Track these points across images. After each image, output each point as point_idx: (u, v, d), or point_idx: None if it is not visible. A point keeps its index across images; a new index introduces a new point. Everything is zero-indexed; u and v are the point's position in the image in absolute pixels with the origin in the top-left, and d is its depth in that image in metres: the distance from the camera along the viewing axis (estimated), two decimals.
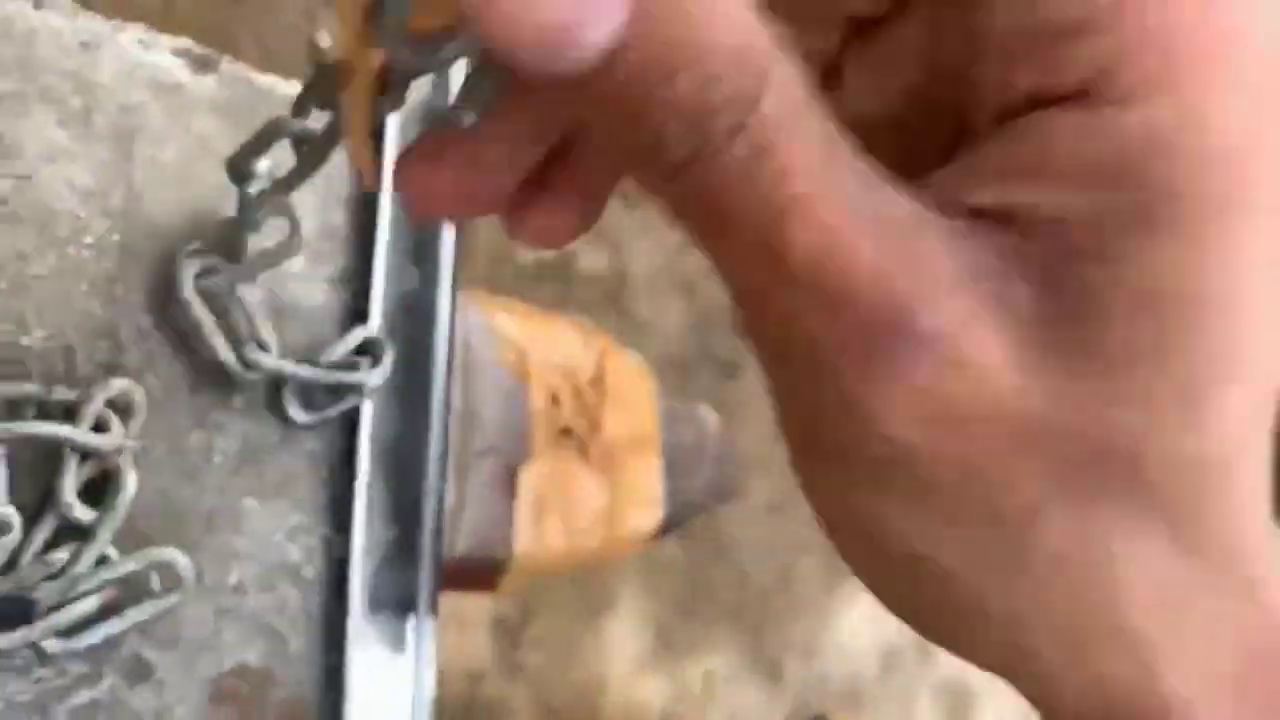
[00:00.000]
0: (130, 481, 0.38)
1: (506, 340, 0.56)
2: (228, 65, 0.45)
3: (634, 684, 1.00)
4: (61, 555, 0.37)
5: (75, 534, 0.37)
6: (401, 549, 0.47)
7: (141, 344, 0.41)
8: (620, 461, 0.59)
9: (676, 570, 1.06)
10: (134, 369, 0.40)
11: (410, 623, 0.46)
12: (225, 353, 0.40)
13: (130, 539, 0.39)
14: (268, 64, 0.47)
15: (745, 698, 1.12)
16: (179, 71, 0.43)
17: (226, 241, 0.41)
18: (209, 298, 0.41)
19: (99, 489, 0.38)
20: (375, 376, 0.45)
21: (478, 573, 0.54)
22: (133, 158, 0.41)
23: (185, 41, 0.44)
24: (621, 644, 1.00)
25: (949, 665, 1.40)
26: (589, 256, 1.07)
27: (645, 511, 0.61)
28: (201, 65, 0.44)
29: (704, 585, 1.09)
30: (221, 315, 0.41)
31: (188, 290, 0.40)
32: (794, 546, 1.20)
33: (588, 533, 0.58)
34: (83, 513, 0.37)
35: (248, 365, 0.41)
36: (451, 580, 0.50)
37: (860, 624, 1.28)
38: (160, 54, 0.43)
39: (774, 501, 1.18)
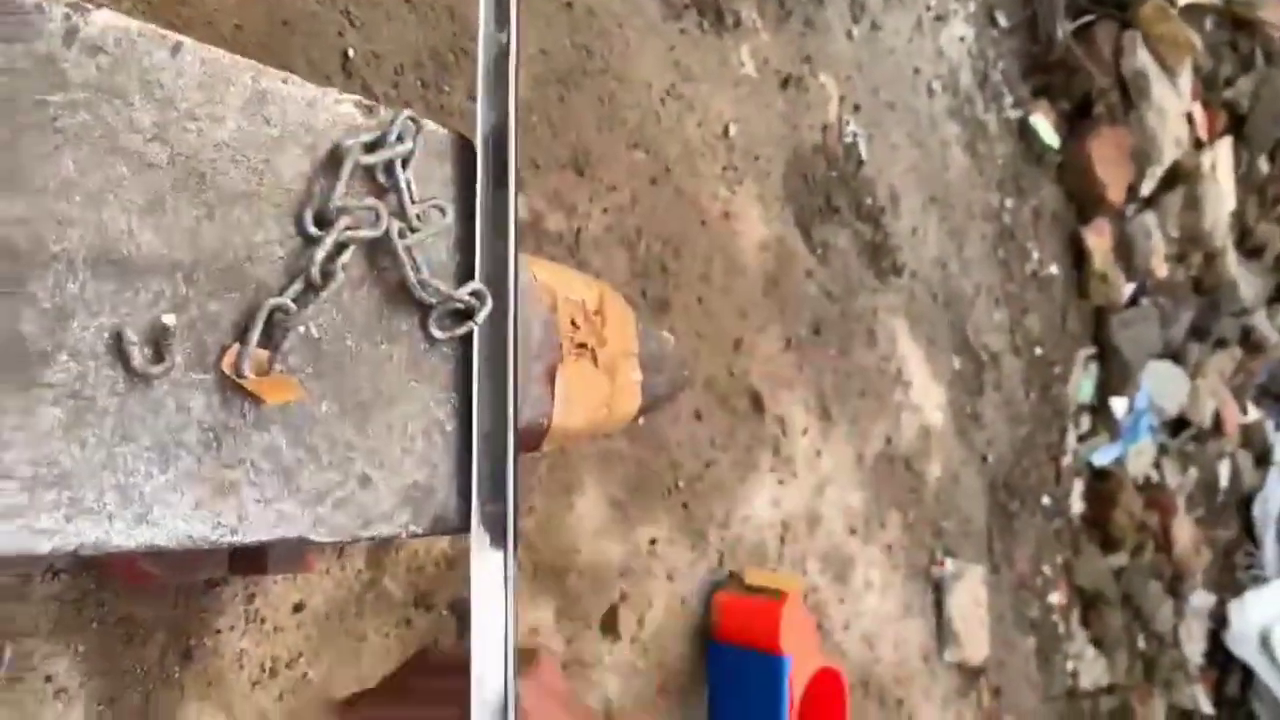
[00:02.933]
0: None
1: (543, 285, 0.84)
2: (384, 111, 0.71)
3: (598, 545, 1.30)
4: None
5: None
6: (495, 421, 0.75)
7: (355, 291, 0.67)
8: (616, 366, 0.88)
9: (627, 460, 1.35)
10: (348, 303, 0.67)
11: (507, 469, 0.74)
12: (416, 283, 0.67)
13: (348, 415, 0.66)
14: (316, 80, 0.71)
15: (680, 558, 1.44)
16: (358, 115, 0.69)
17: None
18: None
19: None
20: (483, 312, 0.72)
21: (530, 437, 0.82)
22: (341, 172, 0.66)
23: (358, 96, 0.70)
24: (588, 516, 1.29)
25: (830, 538, 1.75)
26: (552, 219, 1.33)
27: (631, 399, 0.90)
28: (367, 110, 0.70)
29: (647, 472, 1.39)
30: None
31: (397, 244, 0.66)
32: (714, 446, 1.51)
33: (596, 412, 0.87)
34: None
35: (425, 288, 0.68)
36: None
37: (764, 505, 1.61)
38: (347, 106, 0.68)
39: (698, 410, 1.49)
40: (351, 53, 1.11)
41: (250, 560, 0.88)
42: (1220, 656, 3.20)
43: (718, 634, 1.43)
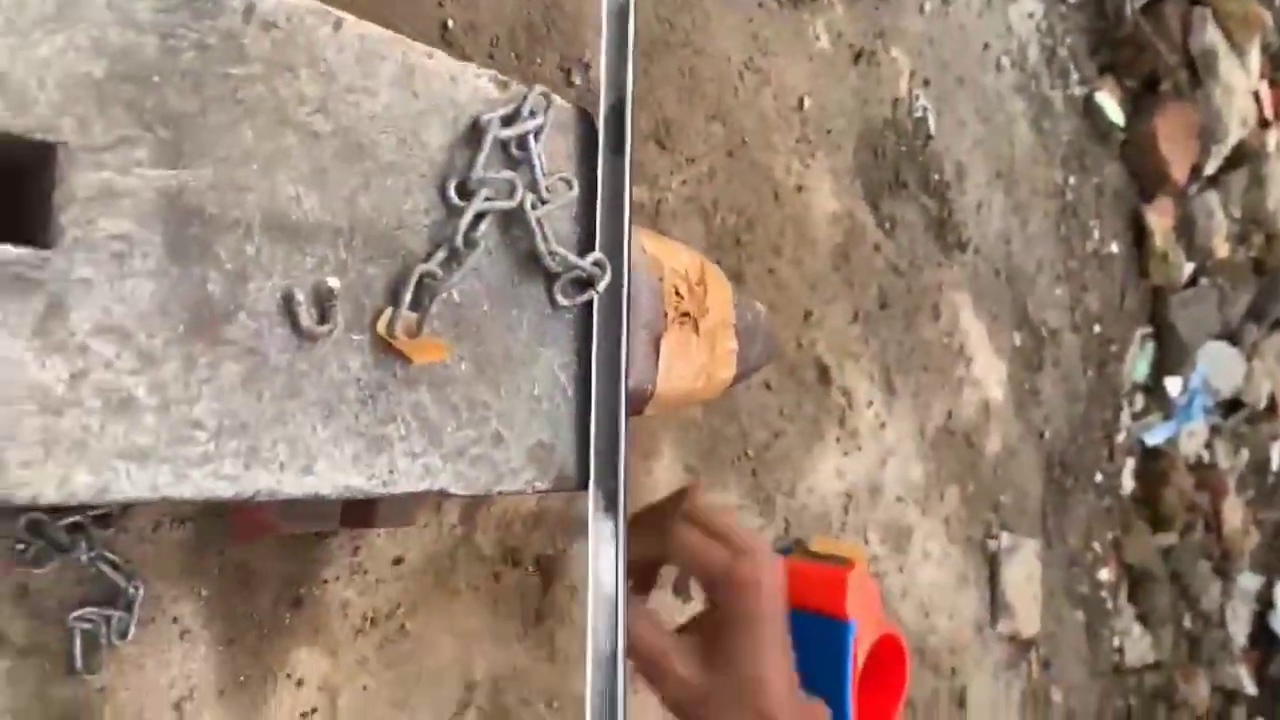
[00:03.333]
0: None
1: (651, 255, 0.86)
2: (516, 86, 0.73)
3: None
4: None
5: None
6: (609, 387, 0.78)
7: (491, 258, 0.70)
8: (715, 335, 0.91)
9: (700, 428, 1.39)
10: (486, 269, 0.70)
11: (619, 428, 0.77)
12: (546, 252, 0.70)
13: (484, 376, 0.69)
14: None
15: (748, 524, 1.47)
16: (493, 90, 0.72)
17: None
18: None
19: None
20: (603, 281, 0.75)
21: (635, 402, 0.85)
22: (482, 145, 0.69)
23: (493, 71, 0.72)
24: (664, 481, 1.33)
25: (890, 509, 1.77)
26: (635, 191, 1.35)
27: (727, 368, 0.93)
28: (502, 85, 0.73)
29: (719, 440, 1.43)
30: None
31: (530, 214, 0.70)
32: (783, 416, 1.54)
33: (695, 380, 0.90)
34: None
35: (554, 258, 0.71)
36: None
37: (828, 476, 1.64)
38: (484, 80, 0.71)
39: (768, 381, 1.52)
40: (450, 23, 1.14)
41: (359, 514, 0.92)
42: (1265, 638, 3.20)
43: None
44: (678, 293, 0.88)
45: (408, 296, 0.63)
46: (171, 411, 0.53)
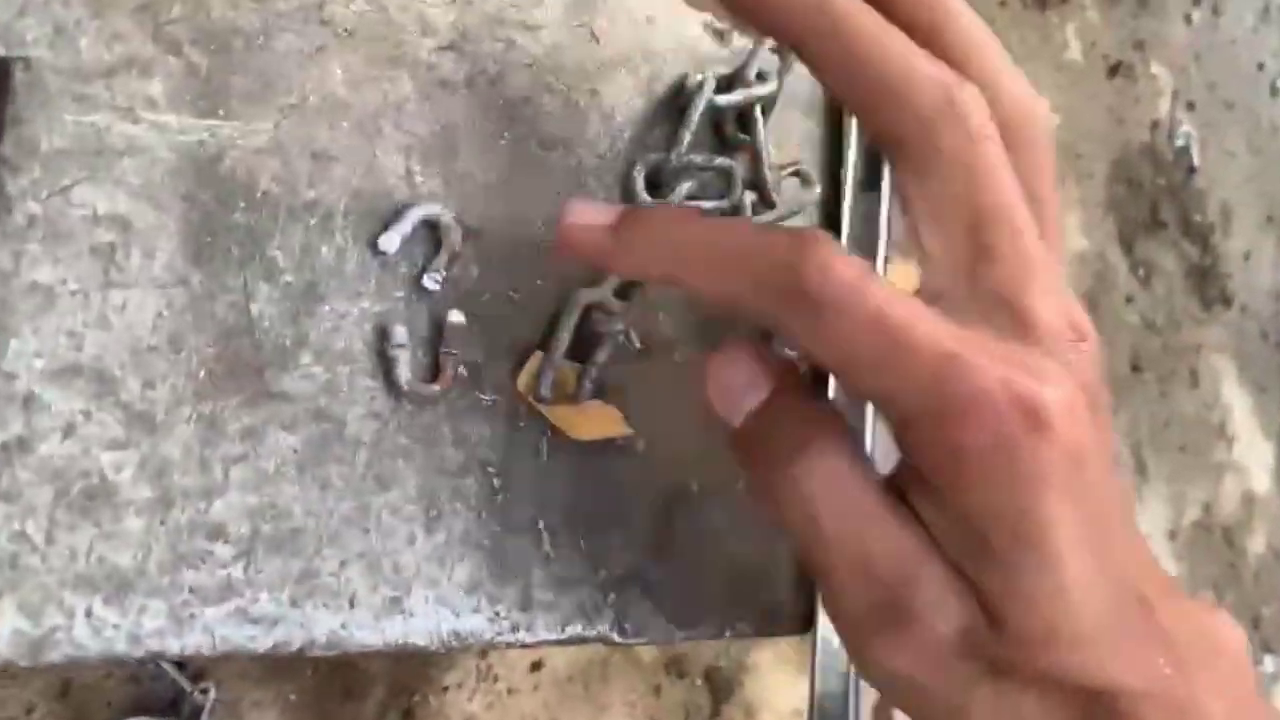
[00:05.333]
0: None
1: (902, 288, 0.62)
2: (736, 39, 0.51)
3: None
4: None
5: None
6: None
7: None
8: None
9: None
10: (678, 300, 0.47)
11: None
12: None
13: (670, 459, 0.46)
14: None
15: None
16: (707, 40, 0.49)
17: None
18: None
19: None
20: None
21: None
22: (687, 118, 0.47)
23: (707, 16, 0.50)
24: None
25: None
26: None
27: None
28: (718, 36, 0.50)
29: None
30: None
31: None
32: None
33: None
34: None
35: None
36: None
37: None
38: (694, 26, 0.49)
39: None
40: None
41: None
42: None
43: None
44: None
45: (565, 338, 0.41)
46: (175, 510, 0.32)
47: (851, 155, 0.55)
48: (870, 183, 0.57)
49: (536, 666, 0.85)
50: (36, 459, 0.30)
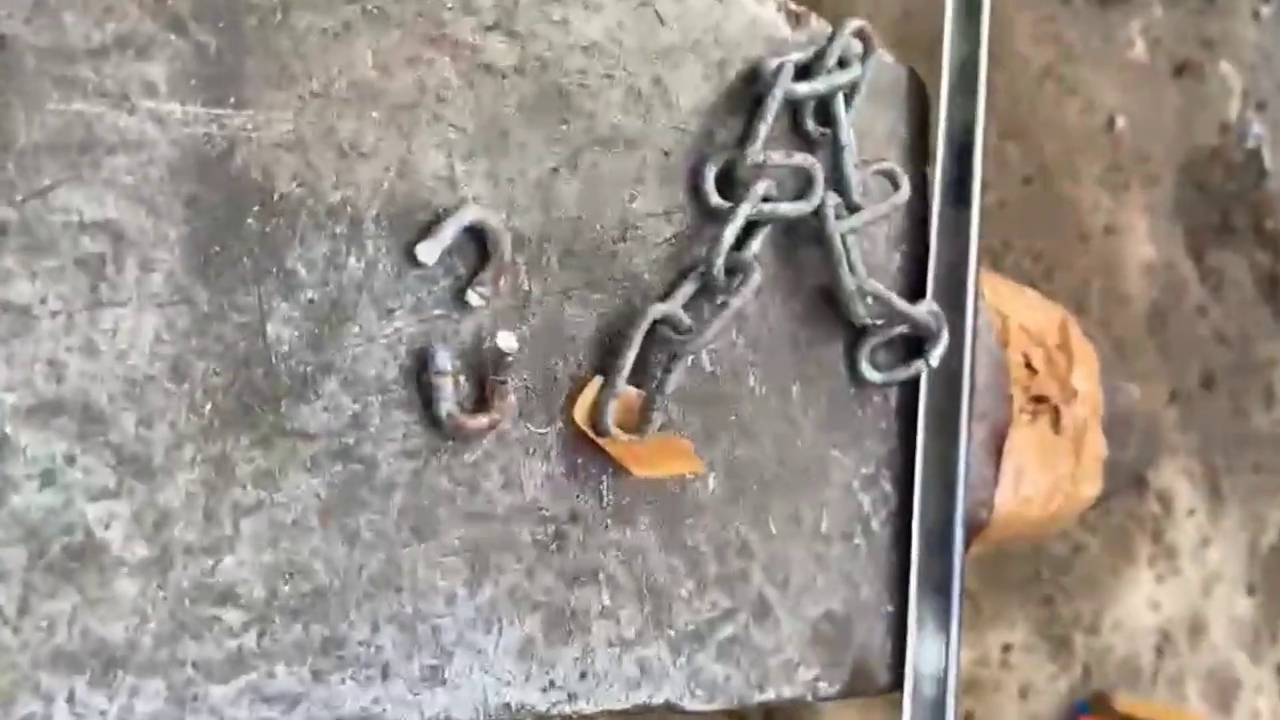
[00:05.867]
0: None
1: (992, 306, 0.56)
2: (816, 21, 0.45)
3: None
4: None
5: None
6: (938, 516, 0.48)
7: (761, 299, 0.42)
8: (1082, 431, 0.59)
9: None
10: (753, 317, 0.42)
11: (953, 590, 0.47)
12: (854, 291, 0.42)
13: (744, 497, 0.41)
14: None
15: (1037, 669, 1.11)
16: (782, 24, 0.44)
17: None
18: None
19: None
20: (938, 347, 0.46)
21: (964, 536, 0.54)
22: (763, 109, 0.41)
23: None
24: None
25: (1217, 654, 1.36)
26: None
27: (1093, 482, 0.61)
28: (794, 19, 0.45)
29: (1004, 556, 1.08)
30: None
31: (834, 228, 0.41)
32: (1084, 525, 1.17)
33: (1050, 500, 0.58)
34: None
35: (866, 302, 0.42)
36: None
37: (1139, 606, 1.25)
38: (769, 9, 0.44)
39: None
40: None
41: None
42: None
43: None
44: (1029, 364, 0.57)
45: (630, 358, 0.36)
46: (175, 571, 0.27)
47: (940, 154, 0.49)
48: (958, 193, 0.51)
49: None
50: (8, 513, 0.25)
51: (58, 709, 0.25)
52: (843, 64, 0.44)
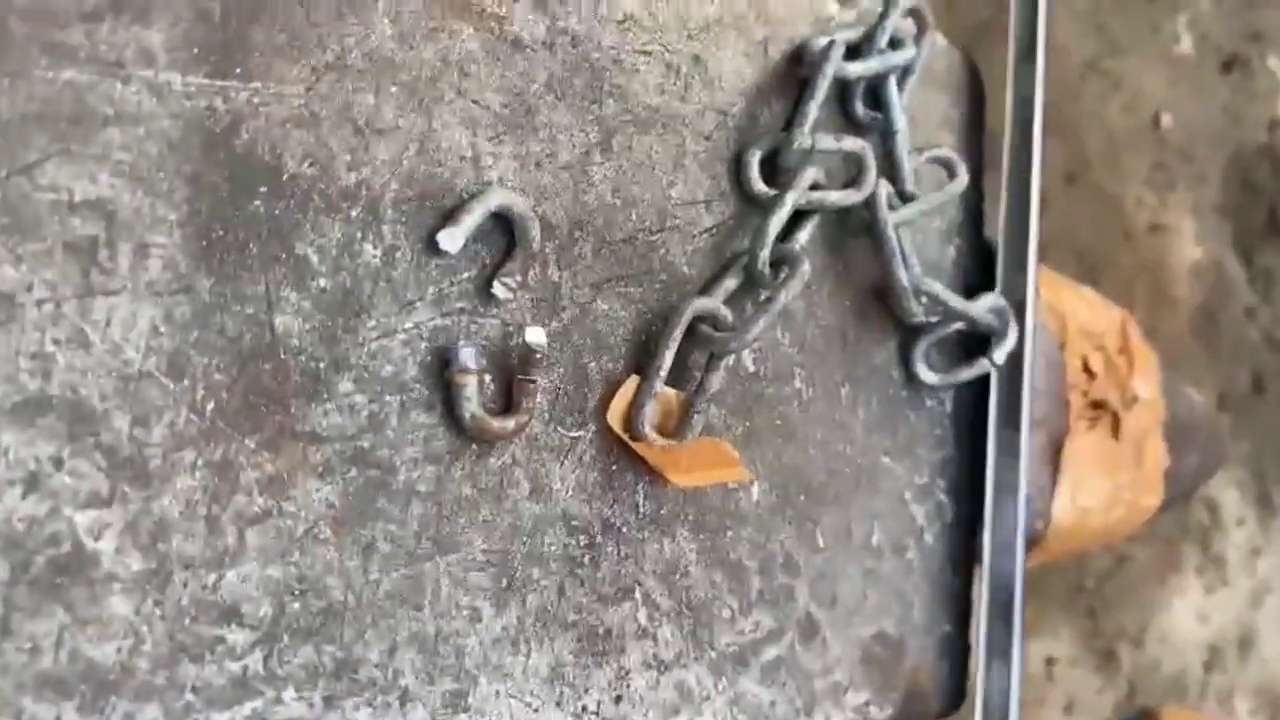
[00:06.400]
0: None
1: (1049, 305, 0.53)
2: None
3: None
4: None
5: None
6: (996, 530, 0.45)
7: (808, 295, 0.39)
8: (1144, 438, 0.55)
9: None
10: (799, 314, 0.39)
11: (1015, 606, 0.44)
12: (908, 286, 0.38)
13: (789, 508, 0.38)
14: None
15: (1082, 683, 1.07)
16: (828, 3, 0.41)
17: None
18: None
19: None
20: (1004, 346, 0.42)
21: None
22: (811, 91, 0.38)
23: None
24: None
25: (1265, 668, 1.32)
26: None
27: (1154, 493, 0.57)
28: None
29: (1046, 566, 1.04)
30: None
31: (886, 219, 0.38)
32: (1130, 536, 1.13)
33: (1110, 510, 0.54)
34: None
35: (921, 300, 0.39)
36: None
37: (1186, 618, 1.21)
38: None
39: None
40: None
41: None
42: None
43: None
44: (1087, 368, 0.54)
45: (668, 358, 0.33)
46: (173, 586, 0.25)
47: (1006, 144, 0.46)
48: (1021, 182, 0.48)
49: None
50: None
51: None
52: (895, 44, 0.41)
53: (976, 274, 0.45)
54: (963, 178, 0.42)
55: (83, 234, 0.24)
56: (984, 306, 0.42)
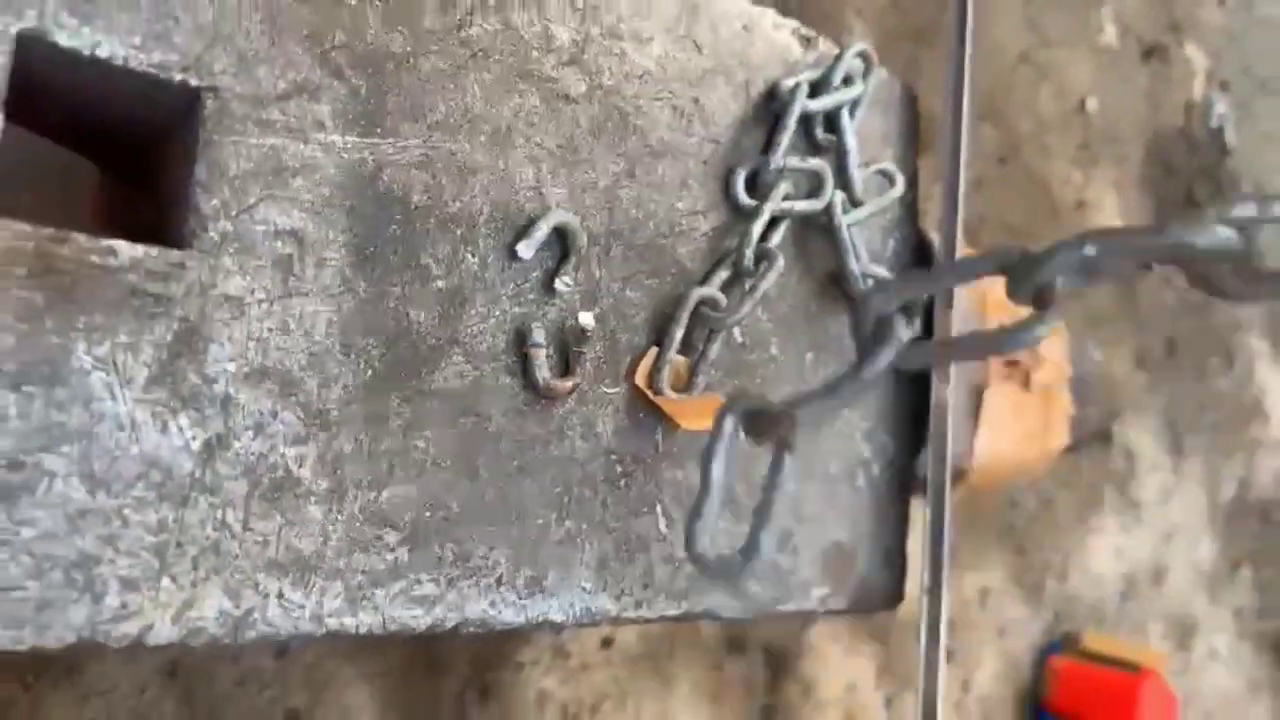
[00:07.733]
0: None
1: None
2: (824, 43, 0.53)
3: None
4: None
5: None
6: (936, 461, 0.56)
7: (781, 282, 0.50)
8: (1050, 391, 0.67)
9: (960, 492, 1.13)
10: (774, 296, 0.50)
11: (944, 524, 0.56)
12: (857, 274, 0.50)
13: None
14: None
15: (1012, 611, 1.21)
16: (796, 48, 0.52)
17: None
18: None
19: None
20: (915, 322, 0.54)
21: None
22: (783, 122, 0.49)
23: (795, 23, 0.52)
24: (915, 557, 1.08)
25: (1173, 597, 1.47)
26: None
27: (1061, 435, 0.69)
28: (805, 42, 0.53)
29: (981, 508, 1.18)
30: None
31: (841, 221, 0.49)
32: (1055, 479, 1.27)
33: (1023, 451, 0.67)
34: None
35: (866, 277, 0.50)
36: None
37: (1105, 555, 1.35)
38: (784, 34, 0.51)
39: None
40: None
41: None
42: None
43: (1051, 703, 1.19)
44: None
45: (679, 333, 0.44)
46: (348, 500, 0.35)
47: (944, 130, 0.57)
48: (952, 162, 0.59)
49: (607, 644, 0.88)
50: (233, 454, 0.33)
51: (271, 603, 0.34)
52: (847, 81, 0.52)
53: (911, 259, 0.56)
54: (900, 186, 0.53)
55: (283, 253, 0.34)
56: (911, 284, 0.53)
